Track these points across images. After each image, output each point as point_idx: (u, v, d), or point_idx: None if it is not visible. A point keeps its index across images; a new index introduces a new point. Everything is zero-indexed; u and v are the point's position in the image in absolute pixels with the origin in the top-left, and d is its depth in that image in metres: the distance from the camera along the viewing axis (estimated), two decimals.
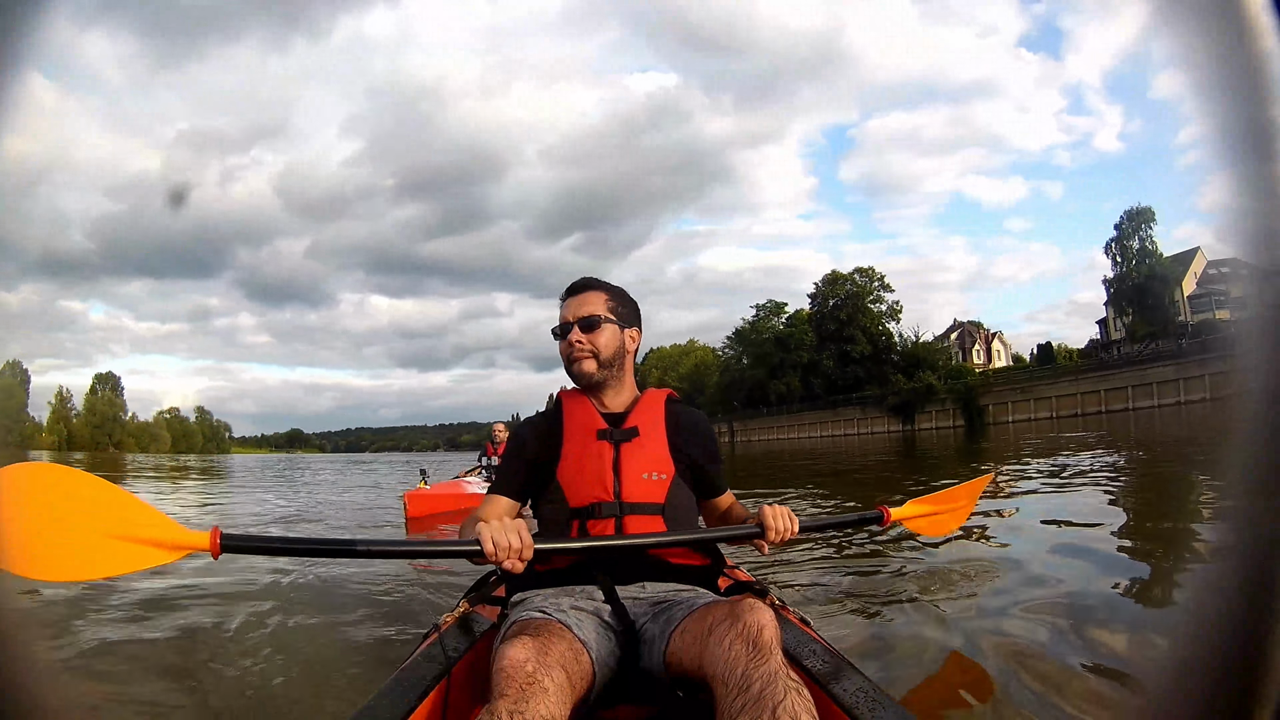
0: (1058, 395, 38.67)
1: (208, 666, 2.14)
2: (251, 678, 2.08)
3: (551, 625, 1.24)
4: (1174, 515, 4.87)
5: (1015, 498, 6.32)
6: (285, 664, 2.17)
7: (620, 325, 1.54)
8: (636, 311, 1.60)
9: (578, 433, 1.52)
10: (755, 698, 1.02)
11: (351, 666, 2.12)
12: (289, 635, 2.41)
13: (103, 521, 1.10)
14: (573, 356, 1.52)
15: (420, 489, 6.97)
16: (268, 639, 2.35)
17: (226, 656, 2.20)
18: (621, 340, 1.54)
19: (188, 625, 2.44)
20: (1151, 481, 7.60)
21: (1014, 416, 39.08)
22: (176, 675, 2.08)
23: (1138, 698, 1.68)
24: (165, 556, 1.14)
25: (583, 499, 1.47)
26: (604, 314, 1.52)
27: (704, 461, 1.58)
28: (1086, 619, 2.38)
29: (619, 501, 1.46)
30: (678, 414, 1.57)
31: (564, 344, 1.53)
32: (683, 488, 1.52)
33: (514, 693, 1.03)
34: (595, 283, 1.58)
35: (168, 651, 2.24)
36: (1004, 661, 2.04)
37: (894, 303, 50.12)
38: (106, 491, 1.13)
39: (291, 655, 2.24)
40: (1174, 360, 34.97)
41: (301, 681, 2.07)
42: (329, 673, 2.10)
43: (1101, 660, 2.00)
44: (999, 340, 52.46)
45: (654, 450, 1.50)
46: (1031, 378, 42.04)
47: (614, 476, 1.47)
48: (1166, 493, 6.56)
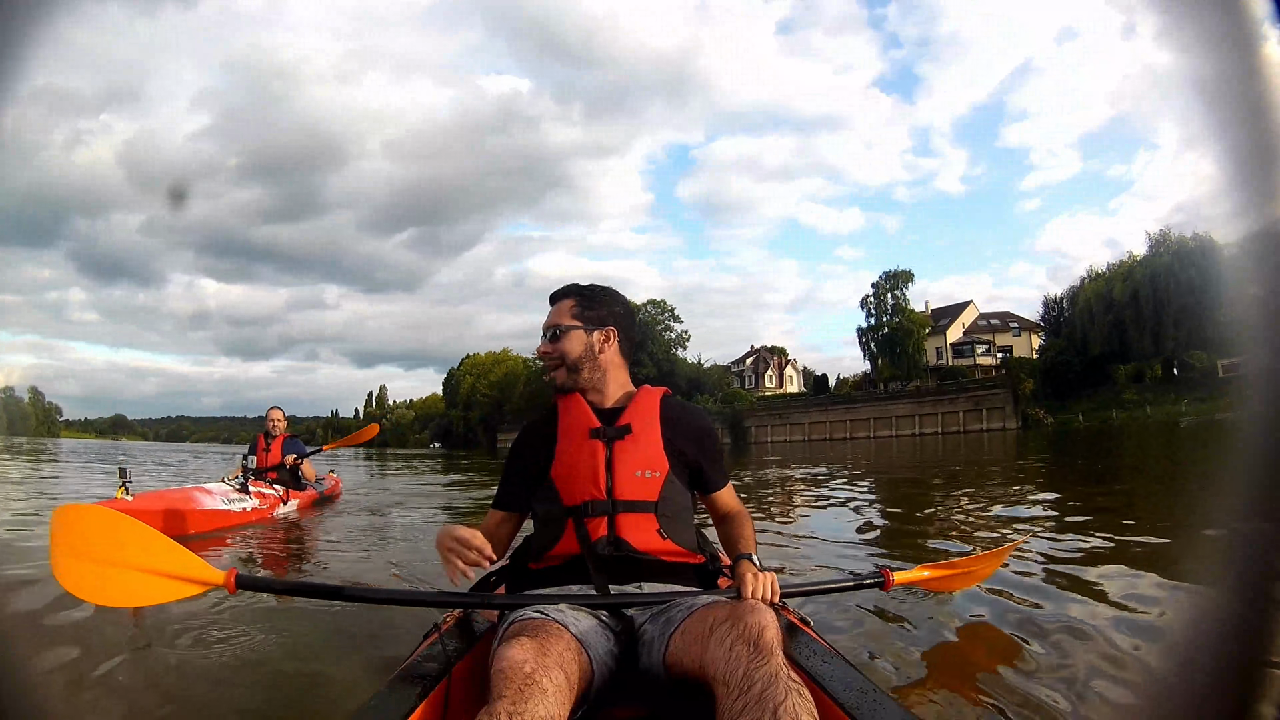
0: (810, 422, 45.63)
1: (205, 666, 2.15)
2: (251, 678, 2.08)
3: (549, 626, 1.24)
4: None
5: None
6: (285, 664, 2.17)
7: (587, 328, 1.56)
8: (613, 309, 1.60)
9: (571, 432, 1.53)
10: (756, 698, 1.01)
11: (352, 666, 2.12)
12: (288, 635, 2.41)
13: (138, 557, 1.34)
14: (545, 366, 1.59)
15: (116, 499, 4.48)
16: (267, 638, 2.36)
17: (224, 656, 2.21)
18: (589, 342, 1.56)
19: (186, 625, 2.45)
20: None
21: (772, 438, 45.11)
22: (174, 675, 2.08)
23: (1139, 698, 1.66)
24: (188, 590, 1.37)
25: (576, 497, 1.47)
26: (567, 322, 1.56)
27: (700, 458, 1.57)
28: (1087, 619, 2.37)
29: (611, 499, 1.46)
30: (673, 410, 1.57)
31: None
32: (677, 485, 1.51)
33: (512, 693, 1.03)
34: (566, 291, 1.62)
35: (165, 651, 2.25)
36: (1005, 661, 2.03)
37: (683, 332, 56.30)
38: (142, 532, 1.37)
39: (291, 655, 2.25)
40: (913, 399, 42.82)
41: (301, 681, 2.07)
42: (329, 673, 2.11)
43: (1102, 660, 1.98)
44: (791, 366, 57.19)
45: (647, 447, 1.50)
46: (788, 406, 48.94)
47: (606, 474, 1.47)
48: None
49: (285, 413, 6.39)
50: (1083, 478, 9.27)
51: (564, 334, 1.55)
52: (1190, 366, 34.91)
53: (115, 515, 1.38)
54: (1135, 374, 37.41)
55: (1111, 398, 36.58)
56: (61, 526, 1.32)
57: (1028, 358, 42.89)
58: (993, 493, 7.31)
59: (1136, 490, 7.38)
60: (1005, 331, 47.16)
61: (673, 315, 56.41)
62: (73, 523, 1.34)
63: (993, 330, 47.50)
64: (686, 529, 1.51)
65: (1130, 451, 14.58)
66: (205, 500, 5.00)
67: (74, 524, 1.34)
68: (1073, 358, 39.00)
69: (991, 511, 5.77)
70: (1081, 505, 5.67)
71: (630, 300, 1.75)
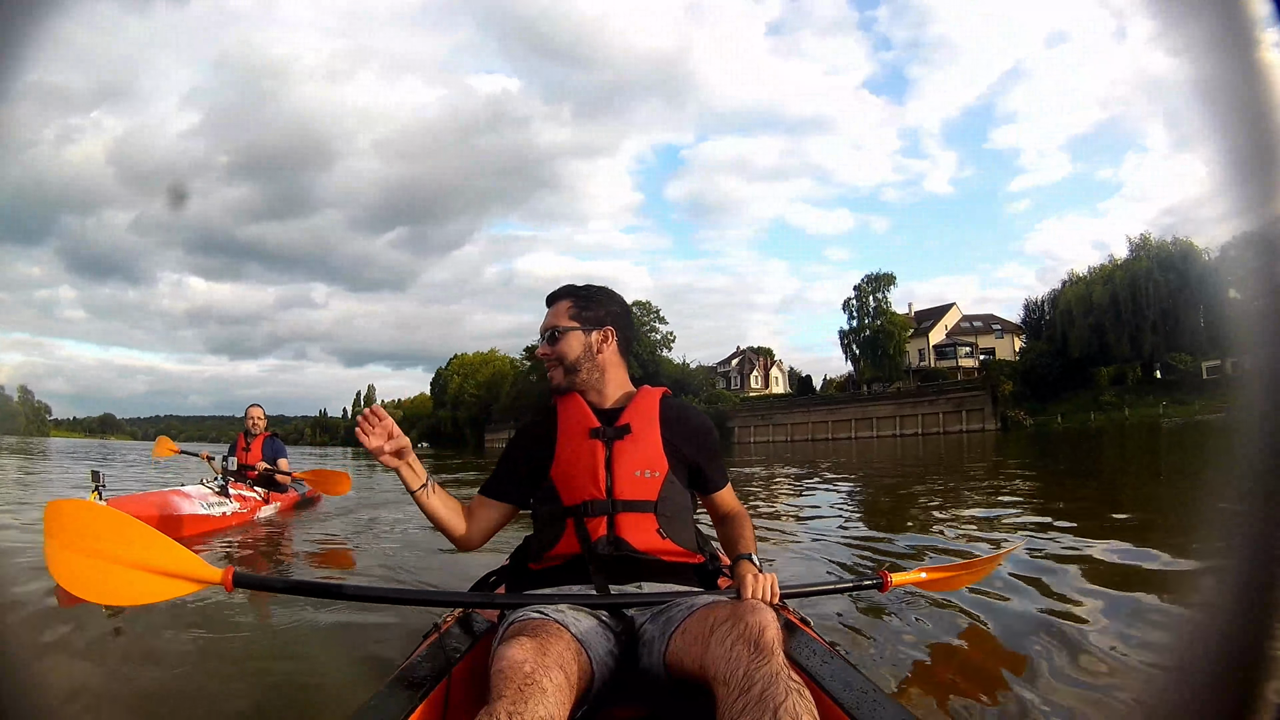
0: (792, 423, 46.28)
1: (203, 666, 2.13)
2: (249, 678, 2.06)
3: (549, 625, 1.24)
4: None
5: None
6: (283, 664, 2.16)
7: (585, 328, 1.56)
8: (610, 309, 1.60)
9: (571, 432, 1.53)
10: (757, 698, 1.01)
11: (351, 666, 2.11)
12: (287, 634, 2.40)
13: (135, 553, 1.32)
14: (545, 368, 1.60)
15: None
16: (265, 638, 2.34)
17: (223, 656, 2.19)
18: (587, 342, 1.56)
19: (184, 624, 2.42)
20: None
21: (755, 438, 45.71)
22: (172, 675, 2.06)
23: (1139, 698, 1.68)
24: (186, 588, 1.35)
25: (575, 497, 1.48)
26: (565, 323, 1.56)
27: (700, 458, 1.57)
28: (1086, 620, 2.39)
29: (611, 499, 1.46)
30: (672, 410, 1.57)
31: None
32: (676, 485, 1.51)
33: (512, 693, 1.03)
34: (563, 292, 1.61)
35: (163, 650, 2.23)
36: (1004, 661, 2.05)
37: (668, 333, 56.57)
38: (140, 528, 1.35)
39: (290, 655, 2.23)
40: (894, 400, 43.30)
41: (301, 681, 2.06)
42: (329, 673, 2.10)
43: (1100, 661, 2.00)
44: (777, 367, 58.09)
45: (647, 447, 1.50)
46: (771, 406, 49.74)
47: (606, 474, 1.47)
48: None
49: (266, 411, 6.20)
50: (1069, 480, 9.37)
51: (562, 335, 1.55)
52: (1173, 369, 35.52)
53: (111, 511, 1.36)
54: (1116, 376, 37.99)
55: (1091, 400, 37.13)
56: (56, 521, 1.30)
57: (1009, 360, 43.45)
58: (976, 496, 7.38)
59: (1127, 492, 7.47)
60: (988, 334, 47.82)
61: (658, 316, 56.95)
62: (68, 518, 1.31)
63: (975, 332, 48.15)
64: (686, 529, 1.51)
65: (1112, 453, 14.77)
66: (183, 504, 4.85)
67: (70, 519, 1.31)
68: (1053, 360, 39.53)
69: (976, 512, 5.83)
70: (1075, 507, 5.72)
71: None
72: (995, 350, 46.35)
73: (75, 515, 1.33)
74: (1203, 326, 33.02)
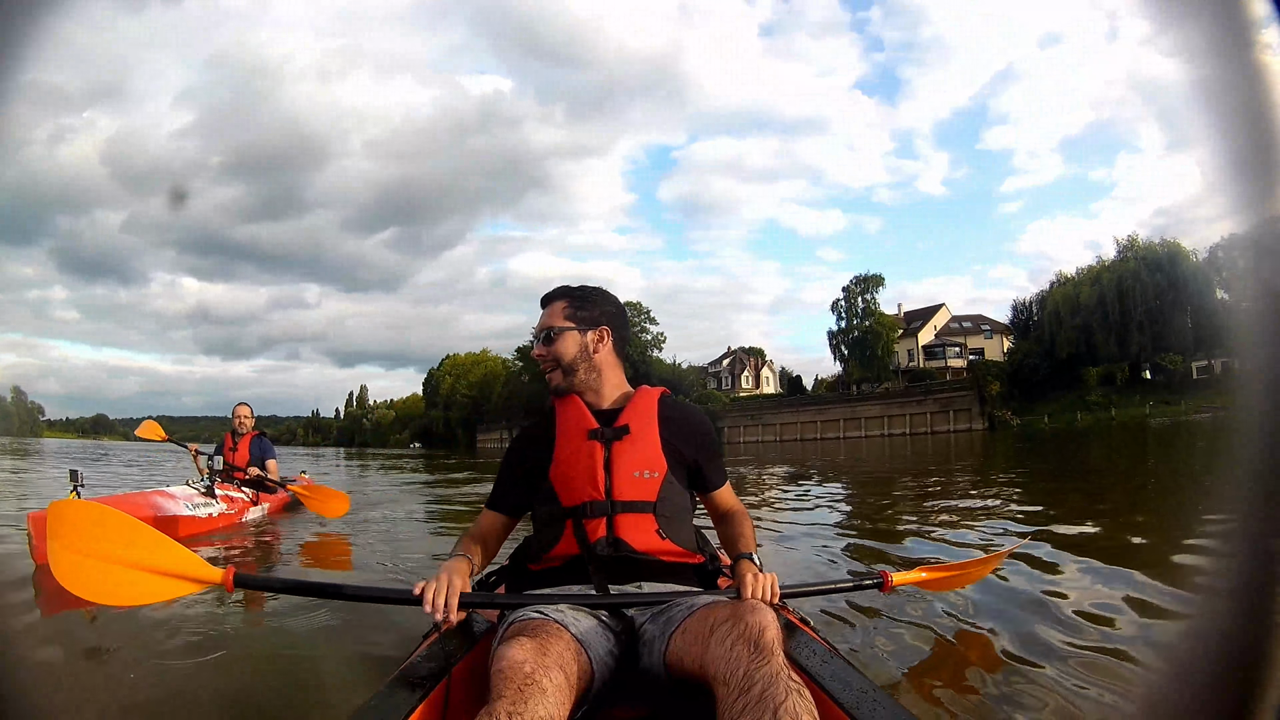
0: (781, 423, 46.61)
1: (203, 666, 2.11)
2: (249, 678, 2.06)
3: (549, 625, 1.24)
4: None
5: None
6: (283, 664, 2.15)
7: (581, 329, 1.56)
8: (605, 309, 1.60)
9: (569, 433, 1.52)
10: (757, 698, 1.02)
11: (351, 666, 2.11)
12: (287, 634, 2.39)
13: (136, 554, 1.32)
14: (541, 370, 1.59)
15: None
16: (265, 638, 2.33)
17: (223, 656, 2.18)
18: (584, 342, 1.56)
19: (183, 624, 2.41)
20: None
21: (745, 438, 45.93)
22: (172, 675, 2.05)
23: (1136, 698, 1.70)
24: (187, 588, 1.36)
25: (574, 498, 1.47)
26: (560, 324, 1.56)
27: (699, 457, 1.57)
28: (1086, 620, 2.40)
29: (610, 500, 1.46)
30: (671, 410, 1.57)
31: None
32: (675, 485, 1.51)
33: (512, 694, 1.03)
34: (558, 293, 1.61)
35: (163, 650, 2.21)
36: (1004, 661, 2.06)
37: (658, 333, 56.84)
38: (141, 529, 1.35)
39: (290, 655, 2.22)
40: (882, 401, 43.54)
41: (301, 682, 2.05)
42: (328, 673, 2.09)
43: (1099, 661, 2.01)
44: (768, 367, 58.22)
45: (646, 448, 1.50)
46: (761, 407, 50.11)
47: (605, 475, 1.47)
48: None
49: (259, 411, 6.14)
50: (1059, 480, 9.43)
51: (558, 335, 1.55)
52: (1162, 369, 35.84)
53: (113, 511, 1.35)
54: (1104, 376, 38.28)
55: (1078, 400, 37.42)
56: (59, 522, 1.29)
57: (996, 360, 43.70)
58: (965, 497, 7.41)
59: (1124, 493, 7.49)
60: (977, 334, 48.09)
61: (648, 317, 56.97)
62: (70, 518, 1.31)
63: (964, 333, 48.42)
64: (685, 529, 1.51)
65: (1098, 453, 14.88)
66: (167, 505, 4.68)
67: (72, 519, 1.31)
68: (1040, 360, 39.79)
69: (972, 506, 5.85)
70: (1071, 507, 5.73)
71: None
72: (984, 350, 46.56)
73: (77, 516, 1.32)
74: (1190, 327, 33.39)
